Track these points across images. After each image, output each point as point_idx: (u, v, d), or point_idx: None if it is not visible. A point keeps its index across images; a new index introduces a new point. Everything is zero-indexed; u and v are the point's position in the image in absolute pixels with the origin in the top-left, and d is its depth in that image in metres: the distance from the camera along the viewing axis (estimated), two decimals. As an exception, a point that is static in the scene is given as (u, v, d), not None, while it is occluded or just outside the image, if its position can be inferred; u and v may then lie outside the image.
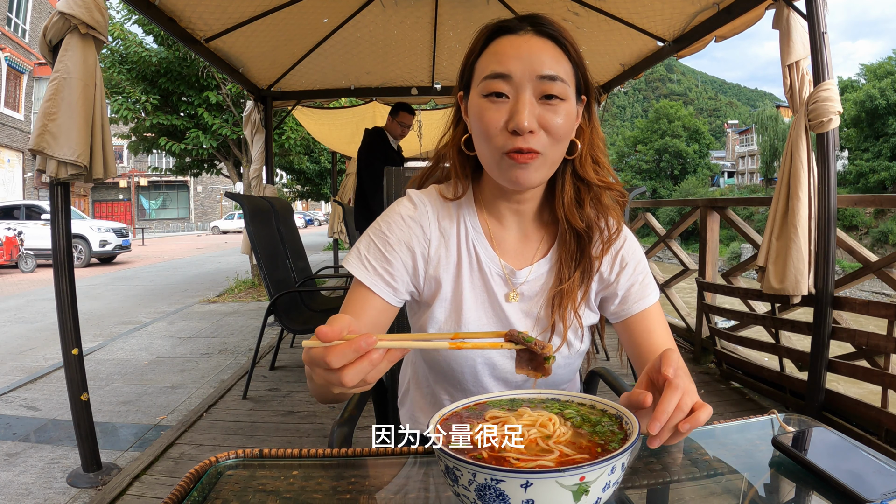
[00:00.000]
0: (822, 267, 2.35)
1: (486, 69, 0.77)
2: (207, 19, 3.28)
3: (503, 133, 0.75)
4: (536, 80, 0.74)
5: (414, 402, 0.99)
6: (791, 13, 2.36)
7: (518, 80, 0.75)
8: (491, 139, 0.76)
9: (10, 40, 19.54)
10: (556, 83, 0.75)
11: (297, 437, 2.55)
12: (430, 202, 0.88)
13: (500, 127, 0.75)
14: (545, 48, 0.76)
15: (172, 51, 7.67)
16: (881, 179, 26.99)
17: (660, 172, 45.69)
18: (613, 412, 0.58)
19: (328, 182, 13.97)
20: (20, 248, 10.99)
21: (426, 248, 0.86)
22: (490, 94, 0.76)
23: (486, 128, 0.76)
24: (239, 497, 0.56)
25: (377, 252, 0.84)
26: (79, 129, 1.96)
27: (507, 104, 0.75)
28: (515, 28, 0.78)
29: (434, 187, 0.91)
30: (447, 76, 4.83)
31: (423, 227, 0.86)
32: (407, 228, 0.85)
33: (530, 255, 0.89)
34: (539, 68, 0.74)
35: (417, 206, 0.87)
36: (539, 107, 0.75)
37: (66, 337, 2.07)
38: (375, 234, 0.86)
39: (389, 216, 0.87)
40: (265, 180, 4.79)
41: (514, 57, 0.75)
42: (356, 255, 0.85)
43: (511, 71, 0.74)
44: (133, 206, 34.42)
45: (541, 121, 0.75)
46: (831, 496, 0.53)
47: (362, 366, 0.52)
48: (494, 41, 0.79)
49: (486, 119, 0.76)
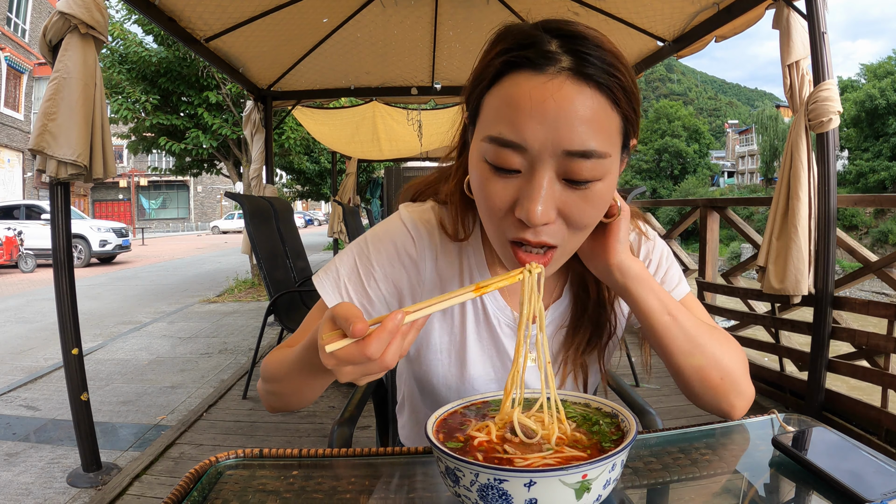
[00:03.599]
0: (822, 267, 2.35)
1: (493, 122, 0.56)
2: (207, 19, 3.28)
3: (509, 216, 0.58)
4: (562, 156, 0.54)
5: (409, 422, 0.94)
6: (791, 13, 2.36)
7: (535, 154, 0.54)
8: (493, 219, 0.60)
9: (9, 40, 19.53)
10: (590, 162, 0.54)
11: (296, 437, 2.55)
12: (429, 236, 0.73)
13: (506, 208, 0.58)
14: (583, 103, 0.53)
15: (172, 50, 7.67)
16: (881, 179, 26.99)
17: (660, 172, 45.69)
18: (609, 410, 0.58)
19: (328, 182, 13.97)
20: (20, 247, 10.99)
21: (418, 291, 0.74)
22: (496, 165, 0.56)
23: (488, 206, 0.59)
24: (239, 497, 0.56)
25: (357, 282, 0.71)
26: (79, 128, 1.96)
27: (516, 181, 0.56)
28: (543, 63, 0.54)
29: (434, 213, 0.75)
30: (447, 76, 4.83)
31: (419, 267, 0.73)
32: (399, 264, 0.72)
33: (545, 299, 0.76)
34: (568, 140, 0.53)
35: (415, 238, 0.73)
36: (562, 189, 0.56)
37: (65, 337, 2.07)
38: (361, 259, 0.72)
39: (381, 241, 0.73)
40: (265, 180, 4.79)
41: (534, 118, 0.53)
42: (333, 277, 0.72)
43: (526, 141, 0.54)
44: (133, 206, 34.42)
45: (562, 209, 0.56)
46: (831, 496, 0.53)
47: (398, 342, 0.49)
48: (511, 77, 0.55)
49: (488, 195, 0.58)
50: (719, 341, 0.70)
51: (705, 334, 0.68)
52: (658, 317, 0.66)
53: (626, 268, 0.65)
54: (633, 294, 0.66)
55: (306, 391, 0.67)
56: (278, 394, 0.69)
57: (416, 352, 0.78)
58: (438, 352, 0.76)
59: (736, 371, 0.69)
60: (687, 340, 0.67)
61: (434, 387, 0.78)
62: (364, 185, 13.89)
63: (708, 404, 0.71)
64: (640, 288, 0.66)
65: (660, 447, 0.65)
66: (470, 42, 4.28)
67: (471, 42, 4.27)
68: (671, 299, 0.68)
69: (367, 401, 1.08)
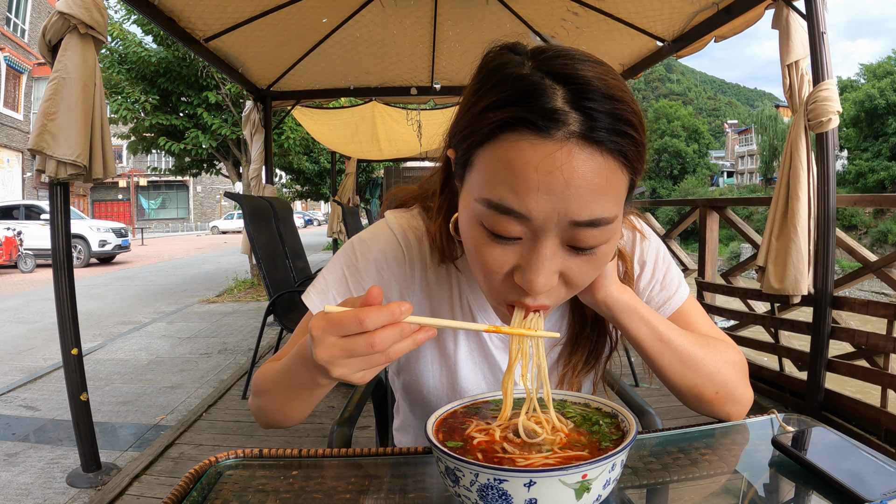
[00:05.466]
0: (822, 267, 2.35)
1: (491, 185, 0.51)
2: (207, 19, 3.28)
3: (507, 281, 0.55)
4: (568, 226, 0.50)
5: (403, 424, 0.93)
6: (790, 13, 2.36)
7: (539, 224, 0.50)
8: (488, 281, 0.57)
9: (9, 40, 19.52)
10: (598, 230, 0.51)
11: (296, 437, 2.55)
12: (419, 244, 0.71)
13: (503, 273, 0.55)
14: (593, 170, 0.48)
15: (172, 51, 7.66)
16: (880, 179, 27.02)
17: (659, 172, 45.72)
18: (608, 410, 0.58)
19: (327, 182, 13.97)
20: (19, 248, 10.98)
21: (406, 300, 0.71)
22: (494, 232, 0.52)
23: (483, 268, 0.56)
24: (239, 497, 0.56)
25: (345, 291, 0.69)
26: (78, 128, 1.96)
27: (516, 247, 0.53)
28: (548, 125, 0.47)
29: (423, 219, 0.72)
30: (447, 76, 4.83)
31: (407, 276, 0.71)
32: (388, 272, 0.70)
33: None
34: (577, 213, 0.49)
35: (403, 247, 0.70)
36: (565, 255, 0.53)
37: (65, 337, 2.07)
38: (349, 268, 0.70)
39: (368, 249, 0.70)
40: (264, 180, 4.79)
41: (540, 189, 0.48)
42: (322, 289, 0.70)
43: (531, 212, 0.49)
44: (132, 206, 34.42)
45: (565, 273, 0.54)
46: (831, 496, 0.53)
47: (394, 332, 0.46)
48: (511, 138, 0.49)
49: (484, 259, 0.55)
50: (714, 354, 0.69)
51: (700, 351, 0.68)
52: (649, 345, 0.66)
53: (612, 301, 0.65)
54: (622, 325, 0.66)
55: (295, 404, 0.65)
56: (268, 408, 0.68)
57: (406, 362, 0.77)
58: (429, 363, 0.75)
59: (731, 382, 0.69)
60: (680, 363, 0.67)
61: (424, 396, 0.77)
62: (363, 185, 13.89)
63: (705, 412, 0.72)
64: (629, 319, 0.65)
65: (659, 447, 0.65)
66: (469, 42, 4.28)
67: (470, 42, 4.27)
68: (663, 322, 0.67)
69: (367, 401, 1.08)
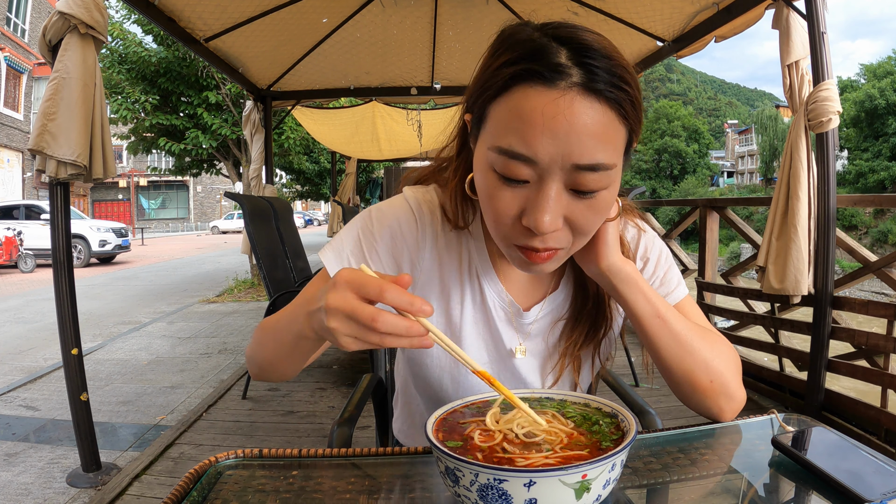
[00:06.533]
0: (822, 267, 2.35)
1: (502, 133, 0.56)
2: (207, 19, 3.28)
3: (516, 224, 0.60)
4: (571, 169, 0.55)
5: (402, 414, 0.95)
6: (790, 13, 2.36)
7: (545, 167, 0.55)
8: (499, 225, 0.61)
9: (9, 40, 19.52)
10: (597, 174, 0.56)
11: (296, 437, 2.55)
12: (431, 216, 0.74)
13: (513, 216, 0.59)
14: (592, 118, 0.54)
15: (172, 51, 7.67)
16: (881, 179, 27.02)
17: (659, 172, 45.72)
18: (608, 410, 0.58)
19: (328, 182, 13.98)
20: (20, 248, 10.98)
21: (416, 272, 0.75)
22: (504, 175, 0.57)
23: (494, 213, 0.61)
24: (239, 497, 0.56)
25: (360, 255, 0.72)
26: (78, 128, 1.96)
27: (524, 190, 0.58)
28: (554, 77, 0.54)
29: (436, 195, 0.76)
30: (447, 76, 4.83)
31: (419, 245, 0.74)
32: (401, 240, 0.73)
33: (542, 290, 0.78)
34: (578, 155, 0.54)
35: (417, 217, 0.74)
36: (569, 199, 0.58)
37: (65, 337, 2.07)
38: (364, 232, 0.73)
39: (384, 216, 0.74)
40: (265, 180, 4.79)
41: (545, 133, 0.54)
42: (337, 248, 0.73)
43: (537, 155, 0.54)
44: (132, 206, 34.42)
45: (568, 217, 0.59)
46: (831, 496, 0.53)
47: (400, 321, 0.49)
48: (521, 89, 0.55)
49: (496, 203, 0.60)
50: (711, 344, 0.70)
51: (696, 337, 0.69)
52: (647, 319, 0.68)
53: (616, 270, 0.67)
54: (623, 296, 0.68)
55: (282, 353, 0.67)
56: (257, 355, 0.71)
57: None
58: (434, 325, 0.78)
59: (726, 374, 0.69)
60: (676, 343, 0.68)
61: (428, 368, 0.79)
62: (363, 185, 13.89)
63: (697, 405, 0.72)
64: (630, 290, 0.68)
65: (659, 447, 0.65)
66: (469, 42, 4.28)
67: (470, 42, 4.27)
68: (662, 302, 0.69)
69: (367, 401, 1.08)
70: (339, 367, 3.62)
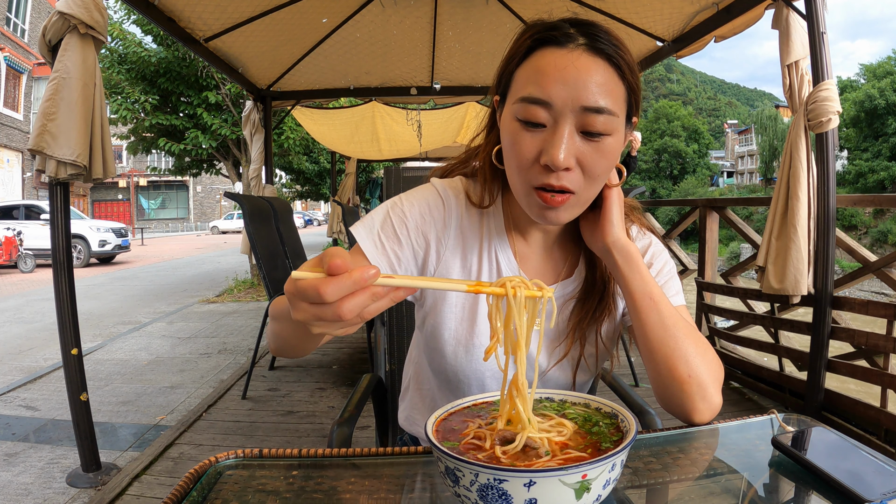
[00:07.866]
0: (822, 267, 2.35)
1: (524, 87, 0.68)
2: (207, 19, 3.28)
3: (535, 166, 0.68)
4: (580, 112, 0.66)
5: (412, 402, 0.97)
6: (790, 13, 2.36)
7: (559, 109, 0.66)
8: (521, 170, 0.70)
9: (9, 40, 19.51)
10: (602, 117, 0.66)
11: (296, 437, 2.55)
12: (457, 201, 0.82)
13: (533, 158, 0.68)
14: (596, 70, 0.66)
15: (172, 51, 7.66)
16: (880, 179, 27.03)
17: (659, 172, 45.74)
18: (608, 410, 0.58)
19: (327, 182, 13.98)
20: (19, 248, 10.98)
21: (441, 248, 0.81)
22: (525, 120, 0.68)
23: (517, 157, 0.69)
24: (238, 497, 0.56)
25: (391, 231, 0.78)
26: (78, 128, 1.95)
27: (542, 133, 0.68)
28: (564, 40, 0.67)
29: (461, 183, 0.84)
30: (446, 76, 4.83)
31: (446, 223, 0.81)
32: (430, 217, 0.80)
33: (555, 274, 0.84)
34: (585, 98, 0.65)
35: (444, 199, 0.81)
36: (580, 141, 0.67)
37: (65, 337, 2.07)
38: (394, 211, 0.79)
39: (414, 198, 0.81)
40: (264, 180, 4.79)
41: (558, 80, 0.65)
42: (368, 225, 0.78)
43: (552, 98, 0.66)
44: (132, 206, 34.41)
45: (579, 158, 0.67)
46: (831, 496, 0.53)
47: (361, 298, 0.46)
48: (538, 52, 0.68)
49: (518, 148, 0.69)
50: (695, 343, 0.72)
51: (682, 330, 0.72)
52: (639, 297, 0.73)
53: (620, 245, 0.74)
54: (622, 271, 0.74)
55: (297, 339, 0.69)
56: (279, 334, 0.72)
57: (433, 304, 0.83)
58: (453, 305, 0.82)
59: (704, 375, 0.70)
60: (662, 327, 0.72)
61: (444, 342, 0.82)
62: (363, 185, 13.87)
63: (672, 400, 0.72)
64: (629, 266, 0.74)
65: (659, 447, 0.66)
66: (469, 42, 4.28)
67: (470, 42, 4.27)
68: (657, 287, 0.74)
69: (367, 401, 1.08)
70: (339, 367, 3.62)
